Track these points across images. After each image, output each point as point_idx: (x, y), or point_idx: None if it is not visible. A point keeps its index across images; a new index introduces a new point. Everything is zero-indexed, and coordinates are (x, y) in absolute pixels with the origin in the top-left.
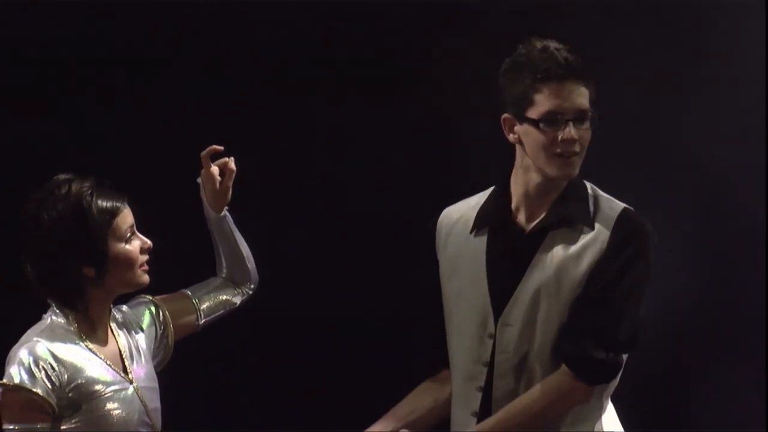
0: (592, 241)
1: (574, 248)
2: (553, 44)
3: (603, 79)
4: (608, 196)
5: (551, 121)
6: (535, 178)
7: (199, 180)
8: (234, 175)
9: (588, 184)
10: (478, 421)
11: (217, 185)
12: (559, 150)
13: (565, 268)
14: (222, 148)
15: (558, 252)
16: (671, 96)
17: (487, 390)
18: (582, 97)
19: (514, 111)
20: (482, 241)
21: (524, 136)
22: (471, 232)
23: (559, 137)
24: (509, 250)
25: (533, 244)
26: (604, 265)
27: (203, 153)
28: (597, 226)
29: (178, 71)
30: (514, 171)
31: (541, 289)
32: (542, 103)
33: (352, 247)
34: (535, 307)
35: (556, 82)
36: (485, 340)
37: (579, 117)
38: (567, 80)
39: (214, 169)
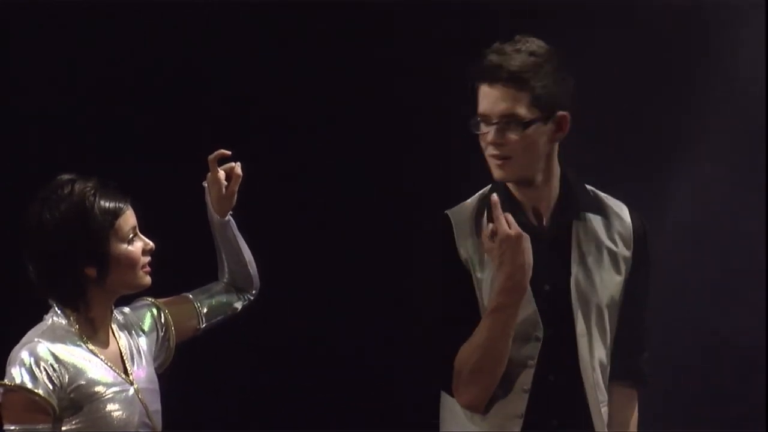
0: (616, 237)
1: (605, 241)
2: (505, 47)
3: (603, 79)
4: (605, 194)
5: (481, 123)
6: None
7: (204, 183)
8: (240, 180)
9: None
10: (524, 424)
11: (223, 189)
12: (488, 152)
13: (607, 262)
14: (230, 152)
15: (589, 248)
16: (671, 96)
17: (533, 392)
18: (510, 101)
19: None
20: None
21: None
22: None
23: (485, 140)
24: (539, 250)
25: (558, 245)
26: (636, 269)
27: (211, 156)
28: (612, 219)
29: (185, 72)
30: None
31: (587, 288)
32: (479, 104)
33: (354, 249)
34: (585, 308)
35: (487, 85)
36: (532, 343)
37: (507, 122)
38: (495, 84)
39: (221, 173)
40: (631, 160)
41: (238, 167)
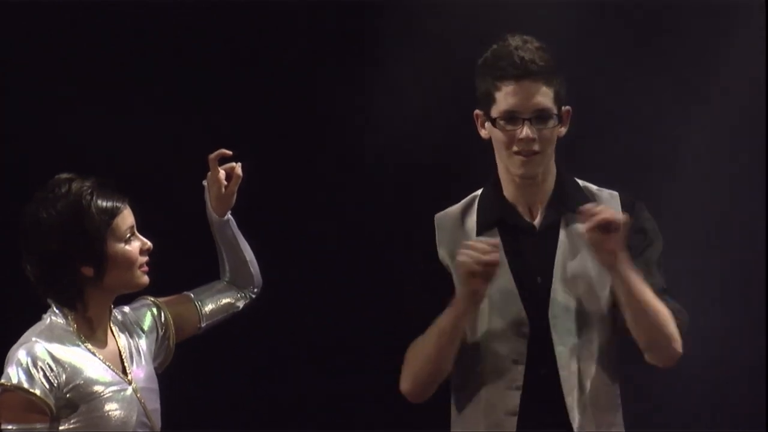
0: None
1: None
2: (516, 42)
3: (602, 79)
4: (597, 186)
5: (509, 119)
6: None
7: (204, 182)
8: (240, 180)
9: (574, 178)
10: (518, 422)
11: (223, 189)
12: (516, 148)
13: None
14: (231, 152)
15: (579, 239)
16: (671, 96)
17: (527, 388)
18: (541, 95)
19: (482, 107)
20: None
21: (491, 132)
22: (478, 234)
23: (517, 136)
24: (527, 247)
25: (549, 237)
26: (633, 248)
27: (211, 156)
28: (607, 204)
29: (186, 72)
30: (498, 167)
31: (577, 281)
32: (501, 101)
33: (355, 248)
34: (576, 299)
35: (513, 82)
36: (519, 339)
37: (538, 116)
38: (524, 79)
39: (221, 172)
40: (630, 160)
41: (238, 167)
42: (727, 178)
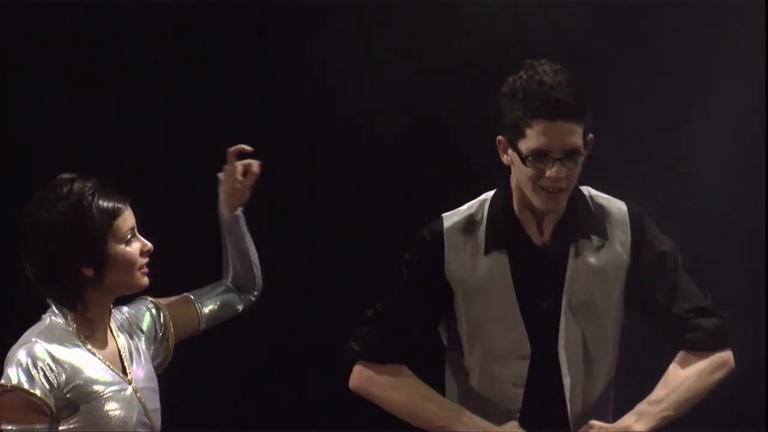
0: (617, 249)
1: (602, 260)
2: (548, 79)
3: (601, 80)
4: (604, 195)
5: (539, 158)
6: None
7: (220, 175)
8: (255, 178)
9: (580, 187)
10: None
11: (237, 184)
12: (543, 185)
13: (603, 280)
14: (251, 149)
15: (588, 266)
16: (671, 97)
17: (523, 411)
18: (573, 135)
19: (507, 136)
20: (503, 261)
21: (515, 162)
22: (486, 253)
23: (546, 174)
24: (534, 270)
25: (556, 260)
26: (643, 264)
27: (231, 149)
28: (614, 232)
29: (186, 72)
30: (511, 181)
31: (585, 308)
32: (531, 138)
33: (354, 248)
34: (582, 327)
35: (547, 121)
36: (520, 362)
37: (568, 155)
38: (557, 120)
39: (238, 167)
40: (630, 160)
41: (255, 165)
42: (727, 178)
